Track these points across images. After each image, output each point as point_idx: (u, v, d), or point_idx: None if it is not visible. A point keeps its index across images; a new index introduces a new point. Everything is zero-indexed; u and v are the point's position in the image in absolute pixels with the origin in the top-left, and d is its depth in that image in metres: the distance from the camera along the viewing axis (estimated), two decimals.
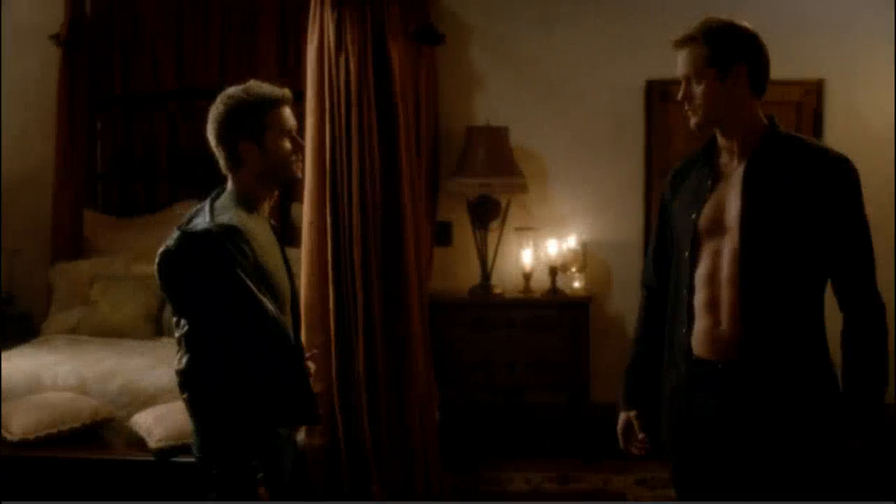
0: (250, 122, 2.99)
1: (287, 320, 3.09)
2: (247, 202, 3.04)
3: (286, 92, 3.09)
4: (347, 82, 4.63)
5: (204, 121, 6.58)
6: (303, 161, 3.20)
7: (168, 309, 5.95)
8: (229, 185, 3.10)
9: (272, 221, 3.24)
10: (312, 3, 4.69)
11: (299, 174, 3.14)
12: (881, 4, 6.33)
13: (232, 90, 3.05)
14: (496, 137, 6.30)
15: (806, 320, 2.87)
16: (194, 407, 2.96)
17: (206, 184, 6.55)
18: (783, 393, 2.85)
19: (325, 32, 4.63)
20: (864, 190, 2.86)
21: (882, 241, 2.88)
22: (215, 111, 3.05)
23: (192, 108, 6.85)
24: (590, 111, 6.61)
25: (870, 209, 2.87)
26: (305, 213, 4.71)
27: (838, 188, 2.82)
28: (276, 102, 3.03)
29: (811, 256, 2.84)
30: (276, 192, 3.22)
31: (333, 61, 4.60)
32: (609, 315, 6.52)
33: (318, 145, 4.67)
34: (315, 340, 4.68)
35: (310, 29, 4.68)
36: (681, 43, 2.93)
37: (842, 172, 2.84)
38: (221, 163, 3.08)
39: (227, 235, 2.87)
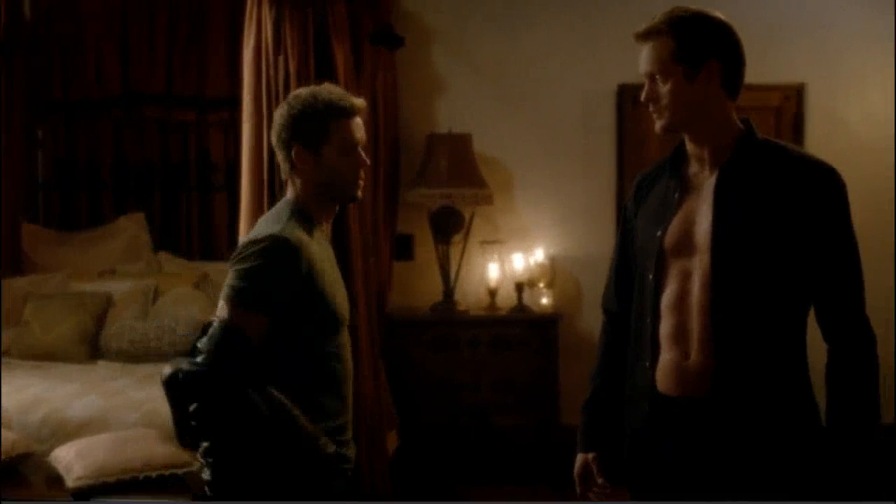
0: (310, 129, 2.82)
1: (345, 342, 2.95)
2: (303, 213, 2.85)
3: (358, 102, 2.89)
4: (287, 85, 4.32)
5: (150, 129, 6.47)
6: (363, 179, 2.96)
7: (106, 330, 5.60)
8: (288, 192, 2.93)
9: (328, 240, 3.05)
10: (249, 1, 4.36)
11: (359, 193, 2.93)
12: (863, 5, 6.25)
13: (301, 91, 2.90)
14: (459, 145, 6.13)
15: (786, 353, 2.55)
16: None
17: (152, 196, 6.53)
18: (760, 435, 2.53)
19: (262, 32, 4.34)
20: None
21: (864, 255, 2.55)
22: (280, 111, 2.88)
23: (138, 116, 6.63)
24: (558, 117, 6.44)
25: (853, 222, 2.56)
26: (242, 228, 4.39)
27: (823, 202, 2.50)
28: (344, 111, 2.84)
29: (792, 280, 2.52)
30: (335, 209, 3.00)
31: (271, 63, 4.31)
32: (578, 333, 6.29)
33: (256, 153, 4.36)
34: None
35: (246, 29, 4.38)
36: (644, 36, 2.62)
37: (828, 184, 2.51)
38: (281, 166, 2.93)
39: (277, 247, 2.71)
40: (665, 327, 2.62)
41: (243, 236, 4.33)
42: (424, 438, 6.03)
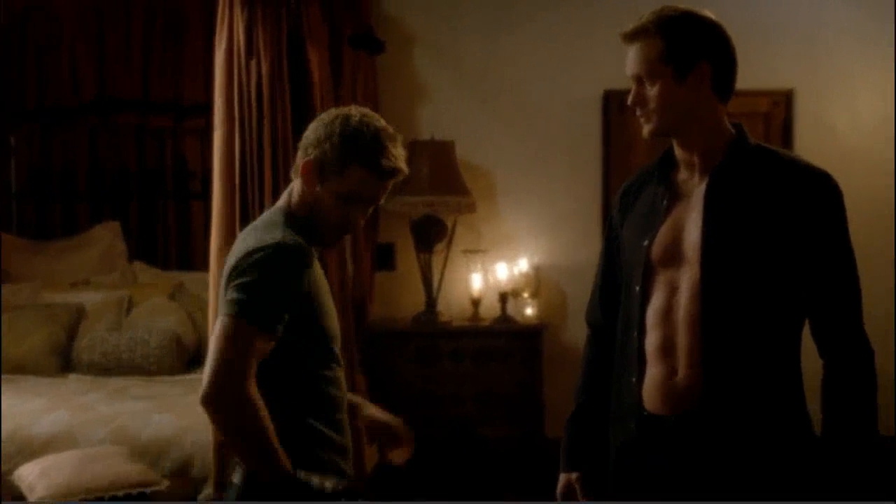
0: (335, 154, 2.57)
1: (339, 364, 2.71)
2: (297, 221, 2.61)
3: (403, 170, 2.63)
4: (259, 89, 4.16)
5: (125, 135, 6.33)
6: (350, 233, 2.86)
7: (78, 342, 5.46)
8: (281, 199, 2.69)
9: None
10: (220, 2, 4.21)
11: (329, 242, 2.72)
12: (853, 10, 6.16)
13: (367, 115, 2.62)
14: (441, 152, 5.98)
15: (779, 369, 2.42)
16: None
17: (128, 204, 6.38)
18: (752, 455, 2.40)
19: (234, 35, 4.17)
20: None
21: (857, 264, 2.43)
22: (332, 117, 2.62)
23: (113, 122, 6.50)
24: (543, 124, 6.30)
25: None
26: (213, 237, 4.21)
27: (819, 210, 2.37)
28: (388, 172, 2.60)
29: (786, 292, 2.39)
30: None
31: (243, 66, 4.13)
32: (564, 344, 6.14)
33: (227, 160, 4.20)
34: None
35: (217, 31, 4.21)
36: (631, 36, 2.49)
37: (824, 191, 2.39)
38: (293, 166, 2.69)
39: (282, 255, 2.48)
40: (651, 342, 2.49)
41: (214, 246, 4.19)
42: None
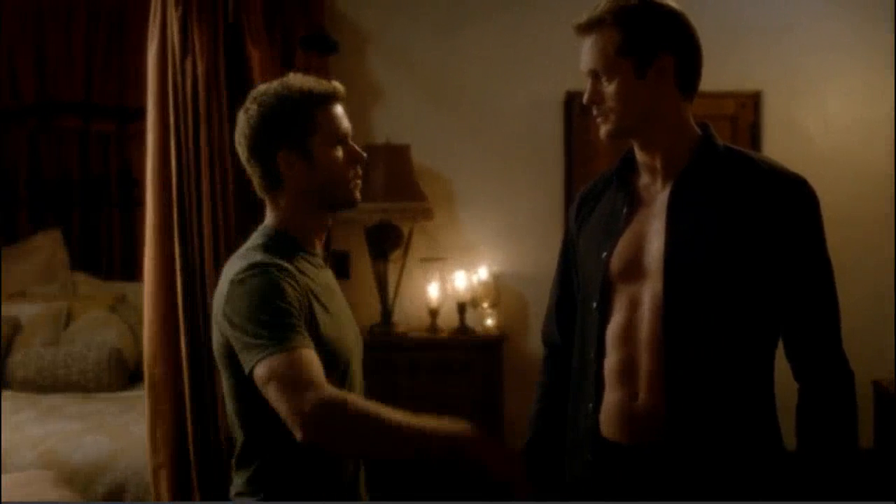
0: (292, 125, 2.32)
1: (355, 383, 2.57)
2: (284, 241, 2.36)
3: (337, 86, 2.39)
4: (195, 91, 3.89)
5: (67, 140, 6.07)
6: (360, 178, 2.47)
7: (12, 358, 5.19)
8: (267, 216, 2.43)
9: (326, 262, 2.52)
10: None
11: (358, 195, 2.43)
12: (822, 11, 6.02)
13: (266, 86, 2.37)
14: (397, 157, 5.76)
15: (750, 395, 2.22)
16: None
17: (70, 212, 6.12)
18: (719, 490, 2.19)
19: (168, 32, 3.89)
20: None
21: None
22: (245, 115, 2.36)
23: (54, 126, 6.23)
24: (502, 127, 6.07)
25: None
26: (147, 247, 3.96)
27: (795, 221, 2.18)
28: (325, 98, 2.36)
29: (757, 309, 2.19)
30: (328, 222, 2.49)
31: (178, 66, 3.86)
32: (526, 355, 5.92)
33: (162, 166, 3.92)
34: (163, 404, 3.97)
35: (150, 28, 3.92)
36: (586, 27, 2.32)
37: (801, 201, 2.20)
38: (255, 183, 2.42)
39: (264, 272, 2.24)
40: (610, 363, 2.29)
41: (149, 262, 3.95)
42: None
